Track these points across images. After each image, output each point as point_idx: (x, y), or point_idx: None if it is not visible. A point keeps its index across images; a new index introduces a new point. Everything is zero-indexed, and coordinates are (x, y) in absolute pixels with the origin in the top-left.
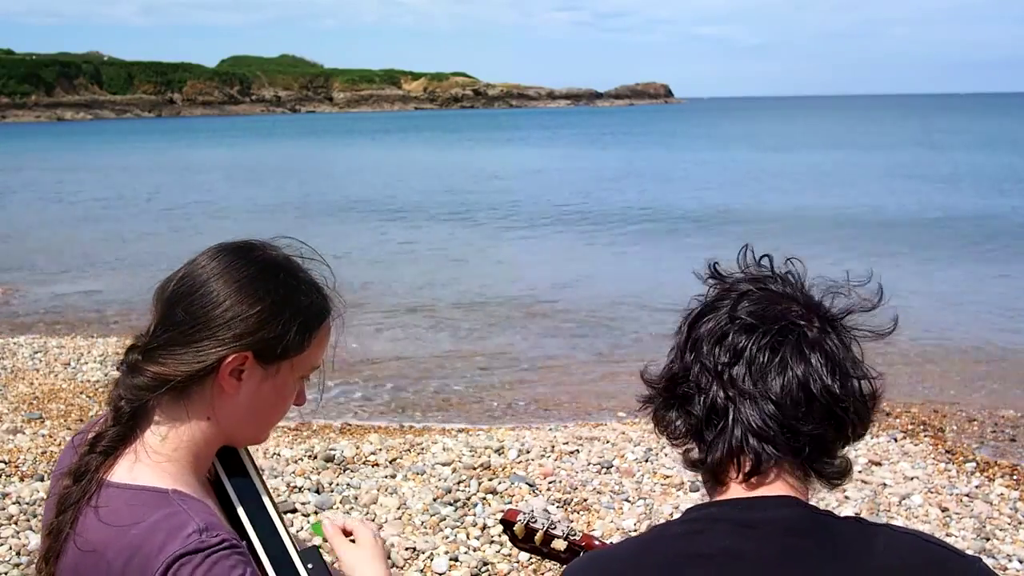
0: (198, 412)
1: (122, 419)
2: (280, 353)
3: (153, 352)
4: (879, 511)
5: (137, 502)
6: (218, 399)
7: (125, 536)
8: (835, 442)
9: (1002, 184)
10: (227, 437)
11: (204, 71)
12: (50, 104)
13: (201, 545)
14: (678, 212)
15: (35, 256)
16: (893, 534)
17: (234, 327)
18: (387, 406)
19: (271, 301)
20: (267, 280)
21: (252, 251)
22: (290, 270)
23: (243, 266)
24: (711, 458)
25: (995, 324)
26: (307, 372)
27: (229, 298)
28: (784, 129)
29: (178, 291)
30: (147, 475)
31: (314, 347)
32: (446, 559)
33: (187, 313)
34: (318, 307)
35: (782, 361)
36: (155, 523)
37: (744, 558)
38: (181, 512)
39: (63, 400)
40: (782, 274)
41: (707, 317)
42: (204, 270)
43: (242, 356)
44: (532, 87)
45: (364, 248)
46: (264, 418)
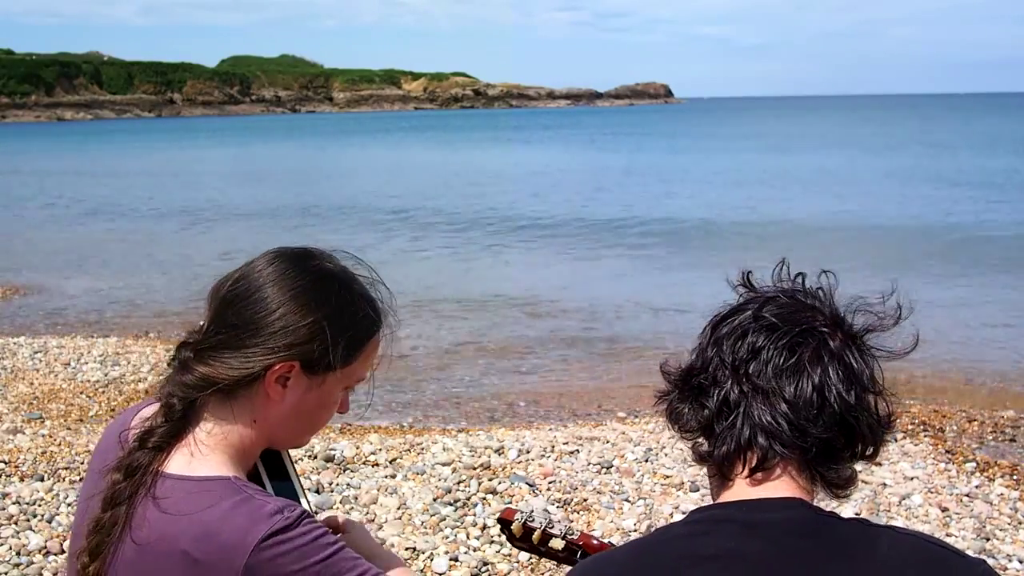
0: (244, 415)
1: (174, 416)
2: (327, 365)
3: (203, 352)
4: (879, 511)
5: (201, 490)
6: (263, 404)
7: (197, 523)
8: (843, 451)
9: (1002, 186)
10: (270, 440)
11: (204, 71)
12: (50, 104)
13: (287, 522)
14: (681, 218)
15: (35, 255)
16: (896, 535)
17: (283, 336)
18: (387, 406)
19: (323, 313)
20: (321, 291)
21: (309, 260)
22: (345, 282)
23: (298, 275)
24: (718, 451)
25: (995, 324)
26: (353, 383)
27: (282, 306)
28: (788, 130)
29: (233, 293)
30: (205, 466)
31: (362, 361)
32: (446, 559)
33: (239, 317)
34: (369, 321)
35: (799, 363)
36: (230, 508)
37: (749, 559)
38: (252, 497)
39: (63, 400)
40: (813, 290)
41: (731, 318)
42: (260, 275)
43: (288, 365)
44: (532, 87)
45: (361, 250)
46: (307, 425)
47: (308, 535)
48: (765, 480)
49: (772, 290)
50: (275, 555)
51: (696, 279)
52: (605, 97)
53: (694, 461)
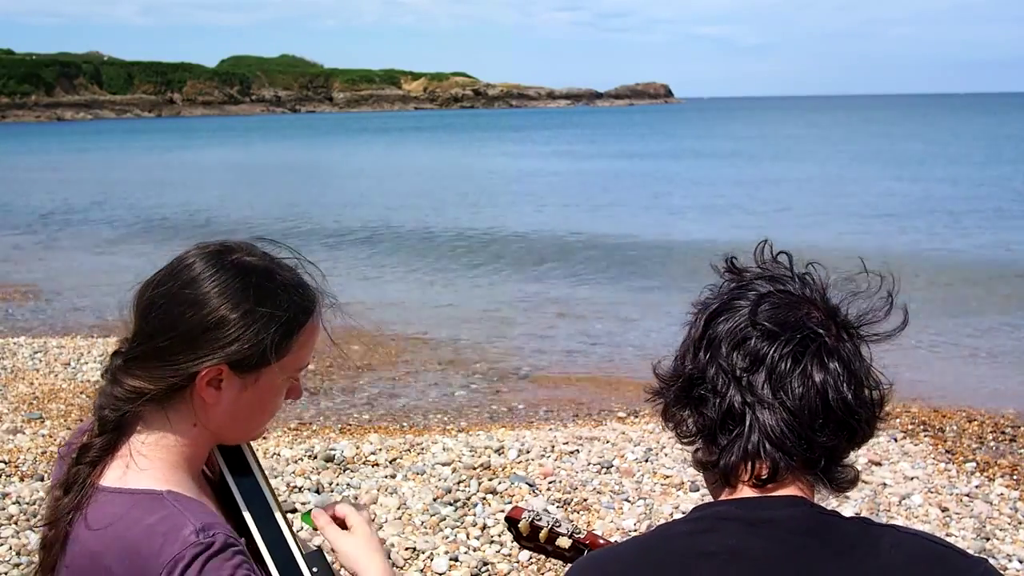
0: (182, 420)
1: (107, 428)
2: (257, 362)
3: (131, 363)
4: (879, 511)
5: (132, 505)
6: (201, 408)
7: (123, 540)
8: (846, 451)
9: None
10: (217, 439)
11: (204, 71)
12: (50, 104)
13: (200, 548)
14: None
15: (35, 256)
16: (898, 534)
17: (207, 341)
18: (387, 407)
19: (244, 311)
20: (241, 288)
21: (226, 255)
22: (266, 273)
23: (215, 273)
24: (724, 462)
25: (995, 323)
26: (294, 373)
27: (201, 309)
28: (794, 131)
29: (152, 299)
30: (140, 478)
31: (297, 349)
32: (446, 559)
33: (160, 324)
34: (298, 309)
35: (804, 371)
36: (152, 525)
37: (751, 557)
38: (177, 513)
39: (63, 400)
40: (800, 274)
41: (724, 316)
42: (178, 277)
43: (216, 369)
44: (532, 87)
45: (356, 254)
46: (251, 421)
47: (219, 564)
48: (774, 488)
49: (760, 274)
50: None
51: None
52: (605, 97)
53: (695, 468)
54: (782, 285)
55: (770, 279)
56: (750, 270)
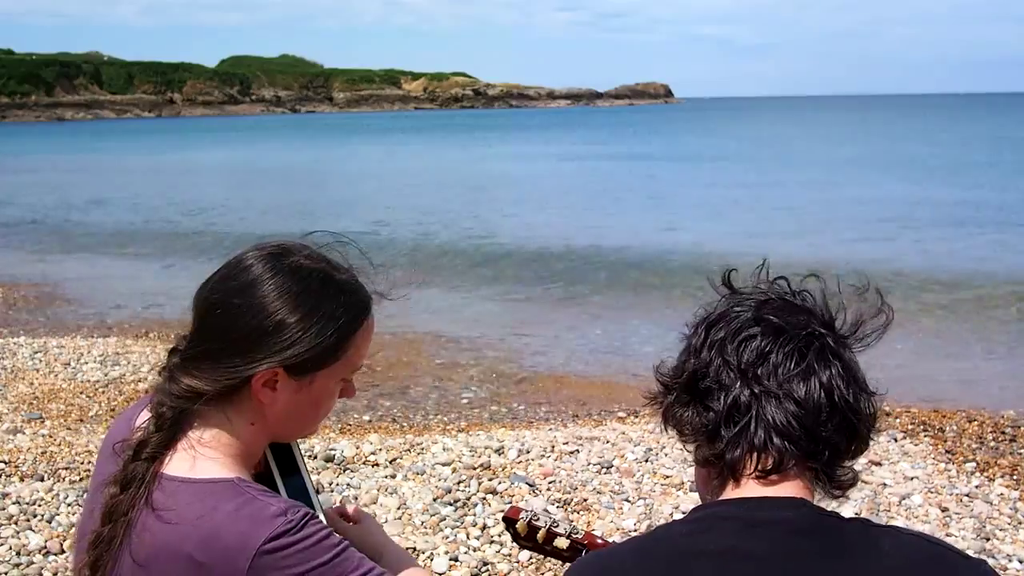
0: (240, 418)
1: (164, 425)
2: (312, 366)
3: (188, 362)
4: (879, 511)
5: (205, 493)
6: (258, 408)
7: (201, 526)
8: (846, 453)
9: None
10: (273, 436)
11: (204, 71)
12: (50, 104)
13: (289, 524)
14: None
15: (35, 255)
16: (898, 535)
17: (263, 344)
18: (387, 408)
19: (300, 315)
20: (298, 292)
21: (284, 258)
22: (323, 277)
23: (273, 277)
24: (730, 455)
25: (995, 323)
26: (347, 375)
27: (258, 313)
28: (795, 132)
29: (211, 299)
30: (207, 469)
31: (351, 353)
32: (446, 559)
33: (218, 326)
34: (354, 312)
35: (808, 367)
36: (233, 511)
37: (751, 557)
38: (255, 498)
39: (63, 400)
40: (798, 291)
41: (727, 318)
42: (236, 280)
43: (272, 372)
44: (532, 87)
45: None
46: (307, 420)
47: (311, 537)
48: (778, 481)
49: (759, 292)
50: (278, 558)
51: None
52: (605, 97)
53: (697, 463)
54: (780, 296)
55: (769, 292)
56: (746, 289)
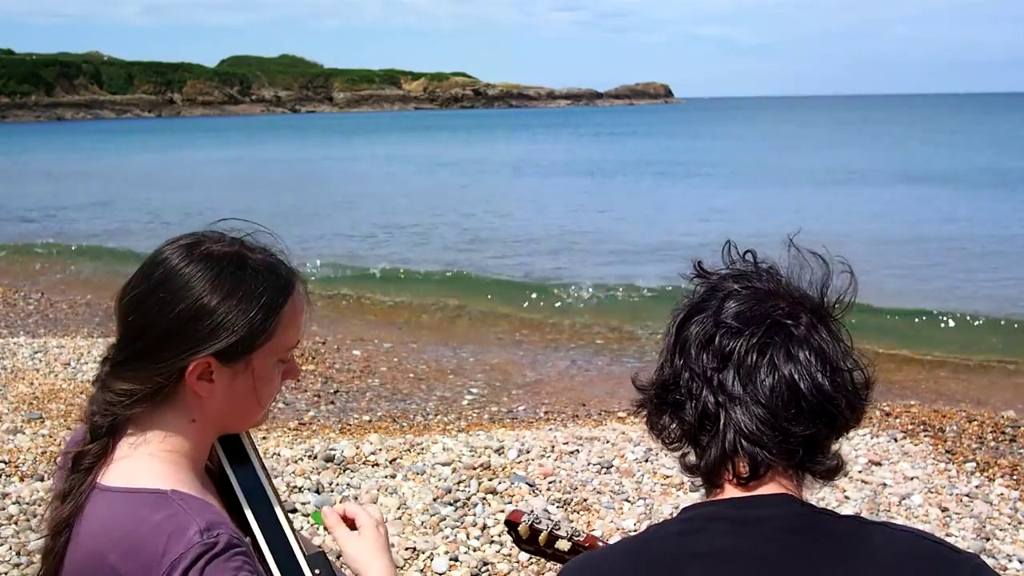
0: (179, 417)
1: (99, 434)
2: (243, 349)
3: (118, 367)
4: (879, 511)
5: (137, 504)
6: (195, 403)
7: (128, 538)
8: (828, 439)
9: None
10: (219, 430)
11: (204, 71)
12: (50, 104)
13: (204, 548)
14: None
15: (36, 255)
16: (891, 532)
17: (188, 336)
18: (387, 409)
19: (219, 300)
20: (213, 278)
21: (196, 247)
22: (238, 259)
23: (187, 266)
24: (705, 462)
25: (995, 324)
26: (283, 354)
27: (178, 304)
28: (802, 132)
29: (132, 300)
30: (143, 478)
31: (281, 331)
32: (446, 559)
33: (141, 325)
34: (275, 290)
35: (770, 362)
36: (157, 523)
37: (743, 556)
38: (182, 512)
39: (63, 400)
40: (766, 268)
41: (694, 319)
42: (153, 276)
43: (204, 362)
44: (532, 87)
45: (356, 251)
46: (251, 407)
47: (220, 566)
48: (761, 484)
49: (728, 275)
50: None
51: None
52: (605, 97)
53: (682, 472)
54: (748, 281)
55: (736, 277)
56: (718, 272)
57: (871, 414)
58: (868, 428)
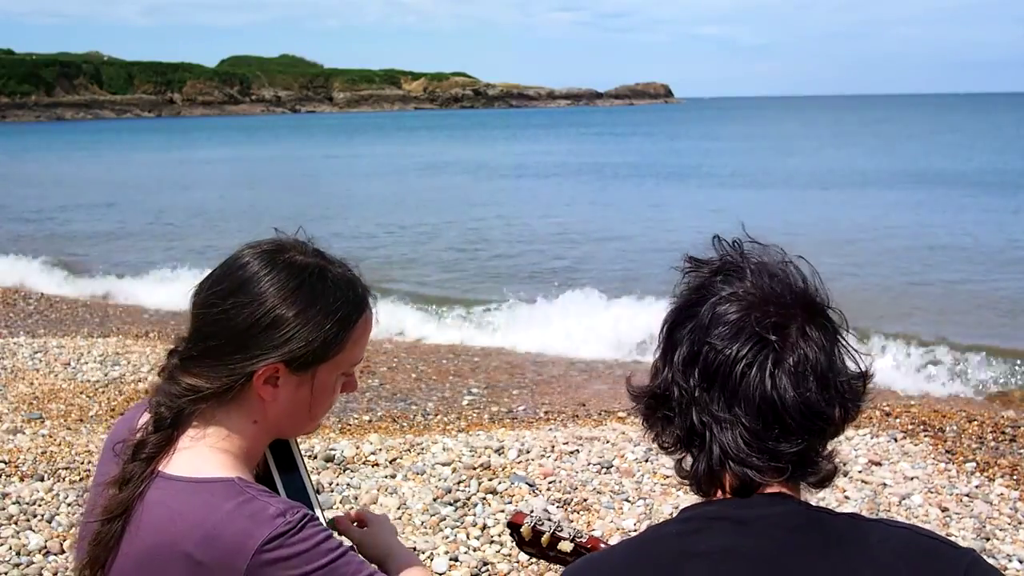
0: (242, 417)
1: (163, 425)
2: (313, 359)
3: (188, 362)
4: (879, 511)
5: (205, 492)
6: (259, 405)
7: (200, 525)
8: (820, 448)
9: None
10: (275, 434)
11: (204, 71)
12: (50, 104)
13: (288, 525)
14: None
15: (37, 255)
16: (887, 528)
17: (262, 340)
18: (387, 409)
19: (298, 310)
20: (294, 287)
21: (280, 254)
22: (319, 272)
23: (269, 273)
24: (695, 475)
25: (995, 324)
26: (348, 368)
27: (256, 310)
28: (811, 132)
29: (208, 299)
30: (207, 468)
31: (350, 346)
32: (446, 559)
33: (217, 325)
34: (351, 306)
35: (757, 381)
36: (232, 510)
37: (742, 556)
38: (255, 498)
39: (63, 400)
40: (755, 262)
41: (685, 325)
42: (233, 278)
43: (273, 368)
44: (532, 87)
45: (352, 252)
46: (309, 415)
47: (310, 539)
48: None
49: (717, 280)
50: (276, 559)
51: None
52: (605, 97)
53: (679, 476)
54: (740, 283)
55: (726, 276)
56: (710, 262)
57: (871, 414)
58: (868, 428)
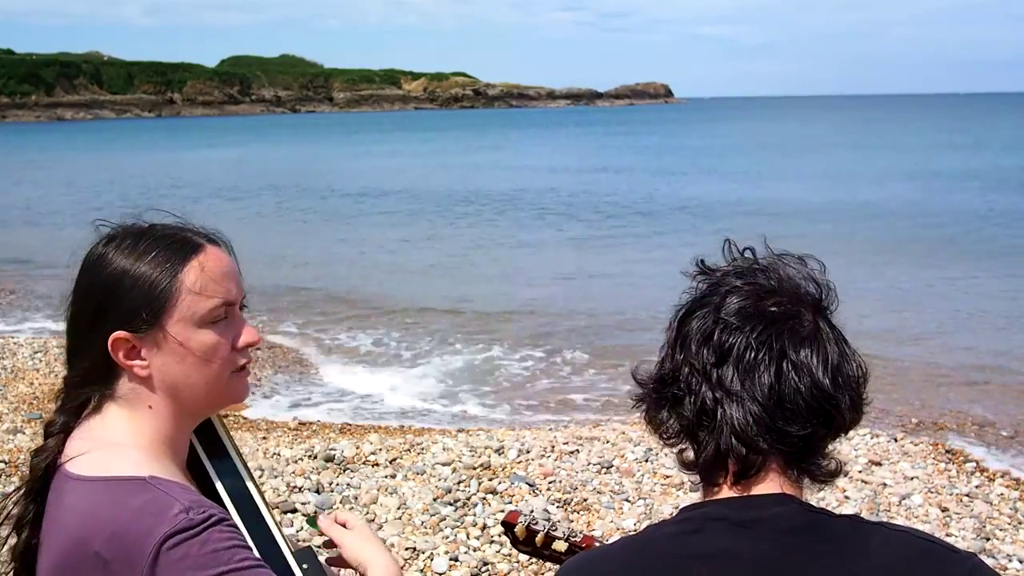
0: (136, 405)
1: (52, 431)
2: (148, 315)
3: (68, 363)
4: (879, 511)
5: (116, 491)
6: (145, 387)
7: (110, 524)
8: (824, 439)
9: None
10: (183, 414)
11: (204, 71)
12: (50, 104)
13: (190, 523)
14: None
15: (37, 255)
16: (888, 531)
17: (89, 314)
18: (386, 408)
19: (111, 271)
20: (105, 257)
21: (106, 236)
22: (140, 232)
23: (97, 254)
24: (702, 459)
25: (995, 324)
26: (204, 317)
27: (91, 287)
28: (804, 131)
29: (70, 298)
30: (119, 466)
31: (188, 291)
32: (446, 559)
33: (69, 318)
34: (177, 247)
35: (769, 360)
36: (139, 508)
37: (741, 557)
38: (163, 495)
39: None
40: (765, 264)
41: (695, 314)
42: (80, 269)
43: (119, 337)
44: (532, 87)
45: (353, 255)
46: (202, 381)
47: (210, 543)
48: (752, 485)
49: (730, 272)
50: (176, 558)
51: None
52: (605, 97)
53: (680, 469)
54: (751, 278)
55: (738, 274)
56: (720, 268)
57: (871, 414)
58: (868, 428)
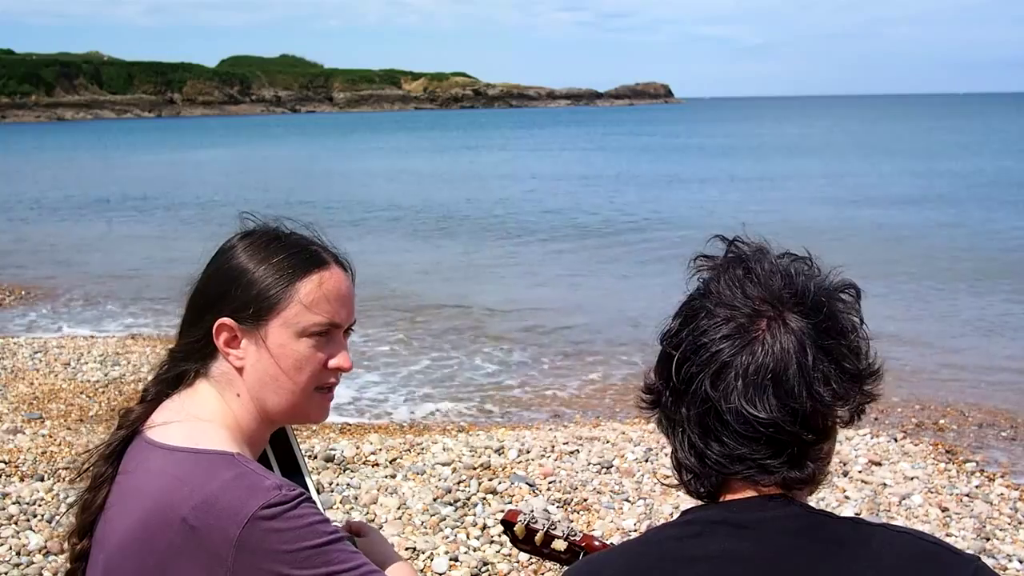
0: (225, 388)
1: (146, 397)
2: (255, 312)
3: (178, 335)
4: (879, 511)
5: (204, 462)
6: (237, 375)
7: (200, 492)
8: (813, 444)
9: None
10: (264, 411)
11: (204, 71)
12: (50, 104)
13: (284, 498)
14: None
15: (38, 254)
16: (889, 533)
17: (208, 296)
18: (386, 408)
19: (237, 263)
20: (245, 247)
21: (236, 236)
22: (273, 234)
23: (222, 248)
24: (696, 485)
25: (996, 325)
26: (306, 329)
27: (213, 275)
28: (806, 131)
29: (199, 275)
30: (208, 440)
31: (299, 301)
32: (446, 559)
33: (195, 292)
34: (300, 259)
35: (739, 400)
36: (230, 480)
37: (742, 560)
38: (252, 471)
39: (63, 400)
40: (753, 268)
41: (678, 335)
42: (216, 254)
43: (225, 323)
44: (532, 87)
45: (357, 258)
46: (284, 385)
47: (305, 518)
48: (752, 487)
49: (709, 294)
50: (269, 529)
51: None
52: (605, 97)
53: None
54: (730, 290)
55: (717, 290)
56: (713, 260)
57: (871, 414)
58: (868, 428)
